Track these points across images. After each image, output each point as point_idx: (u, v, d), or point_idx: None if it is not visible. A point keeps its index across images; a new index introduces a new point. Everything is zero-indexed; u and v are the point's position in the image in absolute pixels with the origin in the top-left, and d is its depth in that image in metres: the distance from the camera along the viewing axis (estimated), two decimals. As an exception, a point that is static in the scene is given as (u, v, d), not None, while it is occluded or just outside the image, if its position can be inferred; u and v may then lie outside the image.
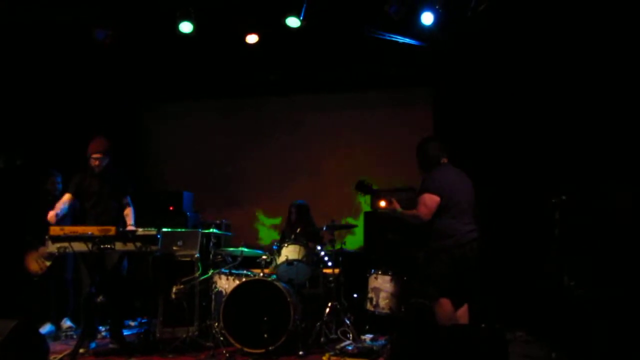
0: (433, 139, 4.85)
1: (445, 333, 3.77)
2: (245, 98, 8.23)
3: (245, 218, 8.03)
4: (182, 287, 5.50)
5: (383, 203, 4.52)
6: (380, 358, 4.94)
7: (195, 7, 5.95)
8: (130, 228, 5.20)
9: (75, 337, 5.68)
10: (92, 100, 7.58)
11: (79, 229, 4.78)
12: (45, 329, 5.89)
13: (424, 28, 5.86)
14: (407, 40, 6.44)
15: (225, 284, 5.53)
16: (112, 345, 5.31)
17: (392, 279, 5.46)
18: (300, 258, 5.55)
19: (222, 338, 5.10)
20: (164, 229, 5.28)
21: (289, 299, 5.07)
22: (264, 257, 5.82)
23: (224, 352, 4.96)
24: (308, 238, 5.91)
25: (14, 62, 6.61)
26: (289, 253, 5.56)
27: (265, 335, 4.94)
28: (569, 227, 4.76)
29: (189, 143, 8.34)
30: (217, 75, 7.65)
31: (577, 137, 5.77)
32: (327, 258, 5.99)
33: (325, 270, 5.91)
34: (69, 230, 4.76)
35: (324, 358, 4.94)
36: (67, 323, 6.14)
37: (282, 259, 5.56)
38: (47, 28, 6.19)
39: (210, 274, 5.66)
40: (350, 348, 5.17)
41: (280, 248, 5.66)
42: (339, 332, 5.45)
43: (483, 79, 6.68)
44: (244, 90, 8.08)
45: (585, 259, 5.05)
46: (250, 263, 6.01)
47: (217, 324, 5.18)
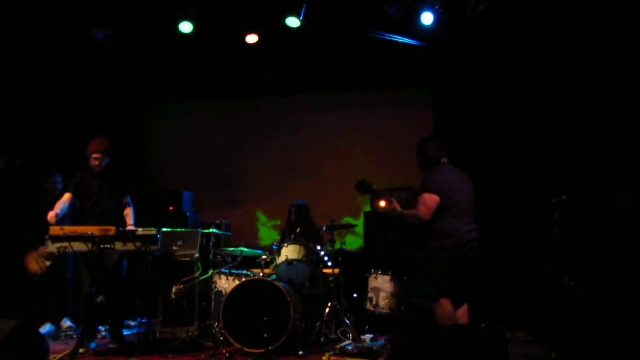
0: (433, 139, 4.85)
1: (445, 333, 3.77)
2: (245, 98, 8.23)
3: (246, 218, 8.03)
4: (182, 287, 5.51)
5: (383, 203, 4.51)
6: (380, 358, 4.93)
7: (195, 7, 5.96)
8: (130, 228, 5.20)
9: (75, 337, 5.68)
10: (92, 100, 7.57)
11: (79, 229, 4.79)
12: (45, 329, 5.89)
13: (424, 28, 5.86)
14: (407, 41, 6.44)
15: (225, 284, 5.54)
16: (112, 345, 5.31)
17: (392, 279, 5.46)
18: (300, 258, 5.55)
19: (222, 338, 5.10)
20: (164, 229, 5.28)
21: (289, 299, 5.07)
22: (264, 257, 5.81)
23: (224, 352, 4.96)
24: (308, 238, 5.91)
25: (14, 62, 6.61)
26: (289, 253, 5.56)
27: (265, 335, 4.94)
28: (569, 227, 4.76)
29: (189, 143, 8.34)
30: (217, 75, 7.65)
31: (577, 137, 5.77)
32: (327, 258, 5.99)
33: (325, 271, 5.90)
34: (69, 230, 4.76)
35: (324, 358, 4.94)
36: (67, 323, 6.14)
37: (282, 259, 5.56)
38: (47, 28, 6.19)
39: (210, 274, 5.66)
40: (350, 348, 5.17)
41: (280, 248, 5.67)
42: (339, 332, 5.45)
43: (483, 79, 6.67)
44: (244, 90, 8.08)
45: (585, 259, 5.05)
46: (250, 263, 6.01)
47: (217, 324, 5.18)
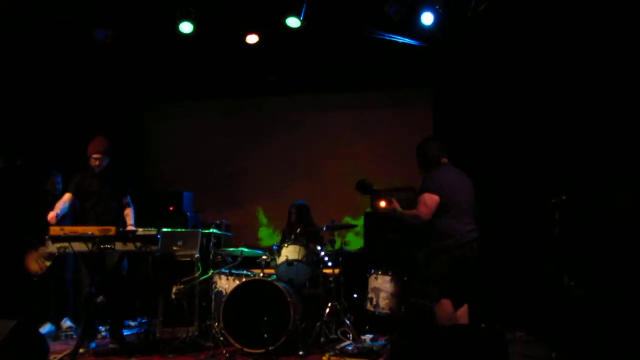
0: (433, 139, 4.85)
1: (445, 333, 3.77)
2: (245, 98, 8.22)
3: (246, 218, 8.03)
4: (182, 287, 5.51)
5: (383, 203, 4.51)
6: (380, 358, 4.93)
7: (195, 7, 5.96)
8: (130, 228, 5.20)
9: (75, 337, 5.68)
10: (92, 100, 7.57)
11: (79, 229, 4.79)
12: (45, 329, 5.89)
13: (424, 28, 5.87)
14: (407, 41, 6.44)
15: (225, 284, 5.53)
16: (112, 345, 5.31)
17: (392, 279, 5.45)
18: (300, 258, 5.54)
19: (222, 338, 5.10)
20: (164, 229, 5.28)
21: (289, 299, 5.07)
22: (264, 257, 5.81)
23: (224, 352, 4.96)
24: (308, 238, 5.91)
25: (14, 62, 6.61)
26: (289, 253, 5.55)
27: (265, 335, 4.94)
28: (569, 227, 4.76)
29: (189, 143, 8.33)
30: (217, 75, 7.65)
31: (576, 137, 5.77)
32: (327, 258, 5.98)
33: (325, 271, 5.90)
34: (69, 230, 4.76)
35: (324, 358, 4.94)
36: (67, 323, 6.14)
37: (282, 259, 5.56)
38: (47, 28, 6.19)
39: (210, 274, 5.66)
40: (350, 348, 5.17)
41: (280, 248, 5.66)
42: (339, 332, 5.45)
43: (483, 79, 6.67)
44: (244, 90, 8.07)
45: (585, 259, 5.05)
46: (250, 263, 6.01)
47: (217, 324, 5.18)
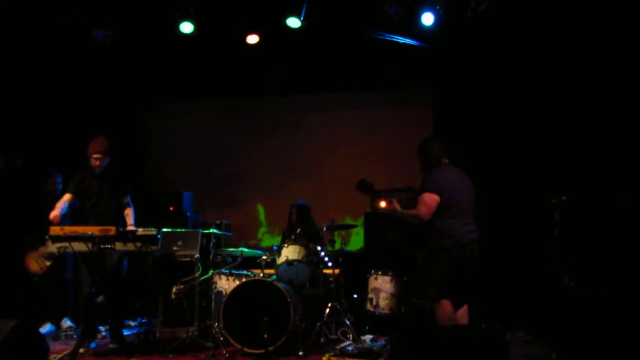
0: (434, 139, 4.86)
1: (445, 334, 3.77)
2: (245, 98, 8.22)
3: (246, 218, 8.03)
4: (182, 287, 5.51)
5: (383, 203, 4.52)
6: (380, 358, 4.93)
7: (196, 7, 5.96)
8: (130, 228, 5.21)
9: (75, 337, 5.68)
10: (92, 100, 7.57)
11: (79, 229, 4.78)
12: (45, 329, 5.89)
13: (424, 28, 5.87)
14: (407, 41, 6.44)
15: (225, 284, 5.53)
16: (112, 345, 5.31)
17: (392, 280, 5.45)
18: (301, 258, 5.54)
19: (222, 338, 5.10)
20: (164, 229, 5.27)
21: (289, 300, 5.07)
22: (264, 257, 5.81)
23: (224, 352, 4.96)
24: (308, 238, 5.91)
25: (14, 62, 6.61)
26: (289, 253, 5.56)
27: (265, 336, 4.93)
28: (569, 227, 4.76)
29: (189, 143, 8.33)
30: (217, 75, 7.65)
31: (576, 137, 5.77)
32: (327, 258, 5.98)
33: (326, 271, 5.90)
34: (69, 230, 4.76)
35: (324, 358, 4.94)
36: (67, 323, 6.14)
37: (282, 260, 5.56)
38: (47, 28, 6.19)
39: (210, 274, 5.66)
40: (350, 348, 5.17)
41: (281, 248, 5.66)
42: (339, 332, 5.45)
43: (483, 79, 6.67)
44: (244, 90, 8.07)
45: (585, 259, 5.05)
46: (251, 263, 6.00)
47: (217, 324, 5.18)
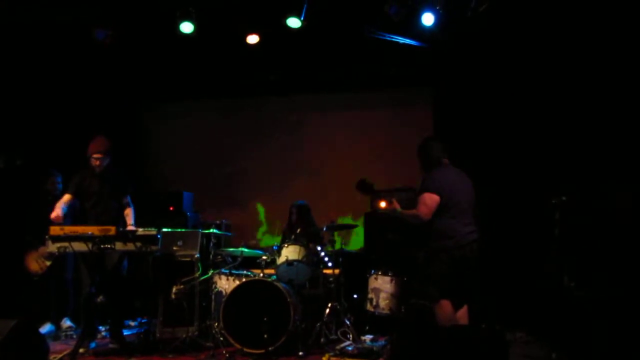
0: (434, 139, 4.85)
1: (445, 334, 3.77)
2: (245, 98, 8.22)
3: (246, 218, 8.03)
4: (182, 287, 5.50)
5: (383, 203, 4.51)
6: (380, 359, 4.93)
7: (196, 7, 5.96)
8: (131, 228, 5.21)
9: (75, 337, 5.68)
10: (92, 100, 7.57)
11: (79, 229, 4.78)
12: (45, 329, 5.89)
13: (425, 28, 5.87)
14: (407, 41, 6.44)
15: (225, 284, 5.53)
16: (112, 345, 5.31)
17: (392, 280, 5.45)
18: (301, 258, 5.54)
19: (222, 338, 5.10)
20: (164, 229, 5.28)
21: (289, 300, 5.07)
22: (264, 257, 5.81)
23: (224, 352, 4.96)
24: (308, 238, 5.91)
25: (14, 62, 6.61)
26: (289, 253, 5.55)
27: (265, 336, 4.93)
28: (569, 227, 4.76)
29: (189, 143, 8.33)
30: (217, 75, 7.65)
31: (576, 137, 5.77)
32: (327, 258, 5.98)
33: (326, 271, 5.90)
34: (69, 230, 4.76)
35: (324, 358, 4.94)
36: (67, 323, 6.14)
37: (282, 260, 5.56)
38: (47, 28, 6.19)
39: (210, 274, 5.66)
40: (350, 349, 5.17)
41: (281, 248, 5.66)
42: (339, 332, 5.45)
43: (483, 79, 6.67)
44: (244, 90, 8.07)
45: (585, 259, 5.05)
46: (251, 263, 6.01)
47: (217, 324, 5.18)
